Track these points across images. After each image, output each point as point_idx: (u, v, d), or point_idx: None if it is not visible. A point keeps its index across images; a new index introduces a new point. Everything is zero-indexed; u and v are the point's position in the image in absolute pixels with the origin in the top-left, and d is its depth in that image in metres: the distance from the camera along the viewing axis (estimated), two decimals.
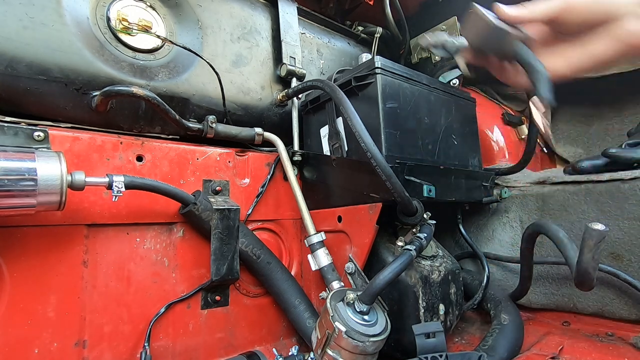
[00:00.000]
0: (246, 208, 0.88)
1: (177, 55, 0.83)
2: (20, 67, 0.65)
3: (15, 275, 0.61)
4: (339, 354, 0.61)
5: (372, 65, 0.79)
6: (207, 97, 0.87)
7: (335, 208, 0.86)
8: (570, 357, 0.70)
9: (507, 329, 0.78)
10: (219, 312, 0.81)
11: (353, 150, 0.83)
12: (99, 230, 0.70)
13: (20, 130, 0.63)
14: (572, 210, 0.89)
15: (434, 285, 0.79)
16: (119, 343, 0.70)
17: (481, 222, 1.09)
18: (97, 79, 0.72)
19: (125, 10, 0.77)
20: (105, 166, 0.71)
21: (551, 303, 0.91)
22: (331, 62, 1.17)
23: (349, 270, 0.79)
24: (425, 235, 0.73)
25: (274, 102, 0.99)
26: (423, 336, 0.64)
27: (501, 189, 1.01)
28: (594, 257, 0.55)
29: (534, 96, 0.56)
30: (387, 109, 0.78)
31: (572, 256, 0.60)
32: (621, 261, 0.80)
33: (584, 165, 0.94)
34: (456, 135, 0.94)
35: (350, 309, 0.64)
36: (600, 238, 0.54)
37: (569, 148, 1.65)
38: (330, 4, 1.25)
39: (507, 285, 1.00)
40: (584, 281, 0.58)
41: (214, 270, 0.75)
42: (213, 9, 0.91)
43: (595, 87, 1.49)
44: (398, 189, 0.67)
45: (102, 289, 0.69)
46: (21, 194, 0.54)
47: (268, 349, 0.85)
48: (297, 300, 0.82)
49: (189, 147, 0.82)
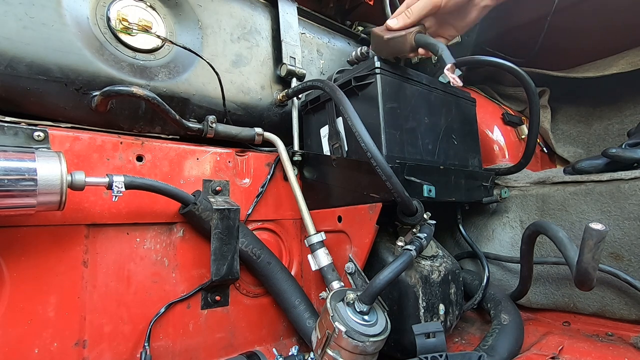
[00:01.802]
0: (246, 208, 0.88)
1: (177, 55, 0.83)
2: (20, 67, 0.65)
3: (15, 275, 0.61)
4: (339, 354, 0.61)
5: (372, 65, 0.79)
6: (207, 97, 0.87)
7: (335, 208, 0.86)
8: (570, 357, 0.70)
9: (507, 329, 0.78)
10: (219, 312, 0.81)
11: (353, 150, 0.83)
12: (99, 230, 0.70)
13: (20, 130, 0.63)
14: (572, 210, 0.89)
15: (434, 285, 0.79)
16: (119, 343, 0.70)
17: (481, 222, 1.09)
18: (97, 79, 0.72)
19: (125, 10, 0.77)
20: (105, 166, 0.71)
21: (551, 303, 0.91)
22: (331, 62, 1.17)
23: (349, 270, 0.79)
24: (425, 235, 0.73)
25: (274, 102, 0.99)
26: (423, 336, 0.64)
27: (501, 189, 1.01)
28: (594, 257, 0.55)
29: (445, 65, 0.70)
30: (387, 109, 0.78)
31: (572, 256, 0.60)
32: (621, 261, 0.80)
33: (584, 165, 0.94)
34: (456, 135, 0.94)
35: (350, 309, 0.64)
36: (600, 238, 0.54)
37: (569, 148, 1.65)
38: (330, 4, 1.25)
39: (507, 285, 1.00)
40: (584, 281, 0.58)
41: (214, 270, 0.75)
42: (213, 9, 0.91)
43: (595, 87, 1.50)
44: (398, 189, 0.67)
45: (102, 289, 0.69)
46: (21, 194, 0.54)
47: (268, 349, 0.85)
48: (297, 300, 0.82)
49: (189, 147, 0.82)
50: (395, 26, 0.78)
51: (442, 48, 0.71)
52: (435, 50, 0.72)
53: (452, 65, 0.69)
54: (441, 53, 0.71)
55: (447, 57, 0.70)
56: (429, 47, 0.75)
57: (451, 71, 0.69)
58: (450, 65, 0.69)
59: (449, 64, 0.69)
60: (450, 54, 0.70)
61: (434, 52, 0.73)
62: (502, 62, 0.87)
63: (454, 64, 0.69)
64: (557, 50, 1.46)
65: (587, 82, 1.45)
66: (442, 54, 0.71)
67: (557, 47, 1.45)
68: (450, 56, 0.70)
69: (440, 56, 0.71)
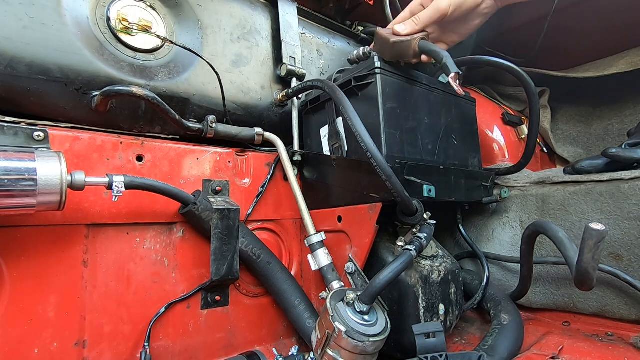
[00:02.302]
0: (246, 208, 0.88)
1: (177, 55, 0.83)
2: (20, 67, 0.65)
3: (15, 275, 0.61)
4: (339, 354, 0.61)
5: (372, 65, 0.79)
6: (207, 97, 0.87)
7: (335, 208, 0.86)
8: (570, 357, 0.70)
9: (507, 329, 0.78)
10: (219, 312, 0.81)
11: (353, 150, 0.83)
12: (99, 230, 0.70)
13: (20, 130, 0.63)
14: (572, 210, 0.89)
15: (434, 285, 0.79)
16: (119, 343, 0.70)
17: (481, 222, 1.09)
18: (97, 79, 0.72)
19: (125, 10, 0.77)
20: (105, 166, 0.71)
21: (551, 303, 0.91)
22: (331, 62, 1.16)
23: (349, 270, 0.79)
24: (425, 235, 0.73)
25: (274, 102, 0.99)
26: (423, 336, 0.64)
27: (501, 189, 1.01)
28: (594, 257, 0.55)
29: (450, 73, 0.71)
30: (387, 109, 0.78)
31: (572, 256, 0.60)
32: (621, 261, 0.80)
33: (584, 165, 0.94)
34: (456, 135, 0.94)
35: (350, 309, 0.64)
36: (600, 238, 0.54)
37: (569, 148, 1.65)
38: (330, 4, 1.24)
39: (507, 285, 1.00)
40: (584, 281, 0.58)
41: (214, 270, 0.75)
42: (213, 9, 0.91)
43: (595, 87, 1.50)
44: (398, 189, 0.67)
45: (102, 289, 0.69)
46: (21, 194, 0.54)
47: (268, 349, 0.85)
48: (297, 300, 0.82)
49: (189, 147, 0.82)
50: (403, 32, 0.81)
51: (445, 56, 0.72)
52: (440, 58, 0.73)
53: (456, 74, 0.70)
54: (445, 62, 0.72)
55: (451, 65, 0.71)
56: (432, 54, 0.76)
57: (454, 80, 0.70)
58: (454, 74, 0.70)
59: (453, 72, 0.70)
60: (453, 63, 0.71)
61: (438, 60, 0.74)
62: (502, 62, 0.87)
63: (458, 73, 0.70)
64: (557, 50, 1.46)
65: (587, 82, 1.45)
66: (446, 62, 0.72)
67: (557, 47, 1.45)
68: (454, 65, 0.71)
69: (444, 65, 0.72)
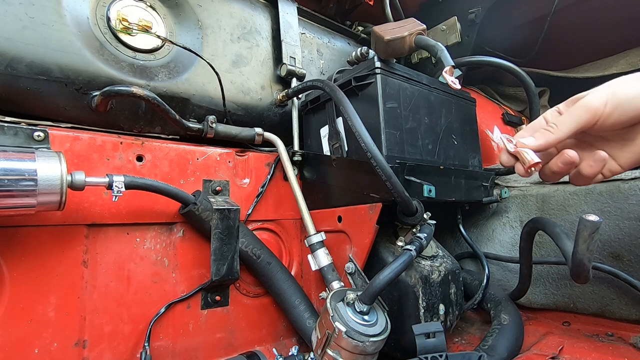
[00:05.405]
0: (246, 208, 0.88)
1: (177, 55, 0.83)
2: (20, 67, 0.65)
3: (15, 275, 0.61)
4: (339, 354, 0.61)
5: (372, 65, 0.79)
6: (207, 97, 0.87)
7: (335, 208, 0.86)
8: (570, 357, 0.70)
9: (507, 329, 0.78)
10: (219, 312, 0.81)
11: (353, 150, 0.83)
12: (99, 230, 0.70)
13: (20, 130, 0.63)
14: (572, 210, 0.89)
15: (434, 285, 0.79)
16: (119, 343, 0.70)
17: (481, 222, 1.09)
18: (97, 79, 0.72)
19: (125, 10, 0.77)
20: (105, 166, 0.71)
21: (551, 303, 0.91)
22: (331, 62, 1.17)
23: (349, 270, 0.79)
24: (425, 235, 0.73)
25: (274, 102, 0.99)
26: (423, 336, 0.64)
27: (501, 189, 1.01)
28: (588, 248, 0.55)
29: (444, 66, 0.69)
30: (387, 109, 0.78)
31: (568, 249, 0.60)
32: (621, 261, 0.80)
33: None
34: (456, 135, 0.94)
35: (350, 309, 0.64)
36: (594, 229, 0.54)
37: None
38: (330, 4, 1.24)
39: (507, 285, 1.00)
40: (580, 272, 0.58)
41: (214, 270, 0.75)
42: (213, 9, 0.91)
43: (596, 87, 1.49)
44: (398, 189, 0.67)
45: (102, 289, 0.69)
46: (21, 194, 0.54)
47: (268, 349, 0.85)
48: (297, 300, 0.82)
49: (189, 147, 0.82)
50: (540, 144, 0.56)
51: (441, 49, 0.71)
52: (435, 51, 0.72)
53: (450, 67, 0.69)
54: (440, 54, 0.70)
55: (445, 58, 0.69)
56: (428, 48, 0.74)
57: (449, 73, 0.69)
58: (449, 68, 0.69)
59: (448, 66, 0.69)
60: (449, 56, 0.70)
61: (433, 54, 0.73)
62: (502, 62, 0.87)
63: (453, 66, 0.69)
64: (557, 50, 1.46)
65: (587, 82, 1.44)
66: (441, 55, 0.70)
67: (557, 47, 1.45)
68: (449, 58, 0.70)
69: (439, 58, 0.71)
